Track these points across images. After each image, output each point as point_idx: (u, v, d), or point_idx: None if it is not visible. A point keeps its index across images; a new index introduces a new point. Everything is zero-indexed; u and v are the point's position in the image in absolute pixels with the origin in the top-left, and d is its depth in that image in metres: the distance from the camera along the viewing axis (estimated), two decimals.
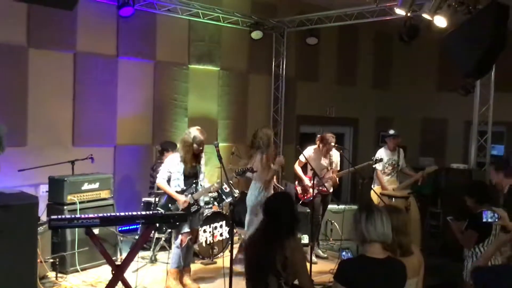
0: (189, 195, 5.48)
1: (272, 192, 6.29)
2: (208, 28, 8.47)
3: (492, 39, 5.76)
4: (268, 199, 4.04)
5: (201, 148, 5.49)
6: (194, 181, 5.56)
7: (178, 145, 5.72)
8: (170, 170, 5.48)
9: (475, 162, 7.64)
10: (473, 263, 4.42)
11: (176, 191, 5.46)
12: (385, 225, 2.98)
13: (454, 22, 6.29)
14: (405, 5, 5.99)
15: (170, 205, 5.45)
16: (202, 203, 5.73)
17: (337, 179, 7.13)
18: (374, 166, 7.43)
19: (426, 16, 6.30)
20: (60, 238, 5.76)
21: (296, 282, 3.60)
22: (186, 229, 5.44)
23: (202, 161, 5.66)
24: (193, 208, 5.51)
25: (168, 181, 5.49)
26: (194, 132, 5.46)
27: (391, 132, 7.67)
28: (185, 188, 5.48)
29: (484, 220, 3.96)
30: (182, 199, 5.41)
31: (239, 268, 5.62)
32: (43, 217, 5.67)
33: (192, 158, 5.48)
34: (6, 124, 5.49)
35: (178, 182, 5.46)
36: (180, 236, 5.48)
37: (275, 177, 6.61)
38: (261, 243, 3.59)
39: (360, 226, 2.98)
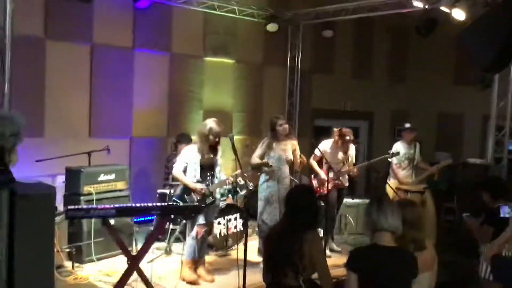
0: (205, 187, 5.49)
1: (285, 181, 6.32)
2: (224, 21, 8.46)
3: (510, 32, 5.68)
4: (290, 191, 4.05)
5: (217, 139, 5.50)
6: (210, 173, 5.57)
7: (195, 137, 5.74)
8: (187, 161, 5.49)
9: (492, 157, 7.55)
10: (487, 250, 4.37)
11: None
12: (395, 215, 3.13)
13: (472, 15, 6.23)
14: None
15: (185, 196, 5.46)
16: (217, 195, 5.75)
17: (357, 171, 7.11)
18: (390, 159, 7.39)
19: (444, 8, 6.25)
20: (76, 228, 5.83)
21: (315, 276, 3.61)
22: (201, 220, 5.46)
23: (219, 154, 5.67)
24: (209, 200, 5.52)
25: (184, 172, 5.51)
26: (211, 123, 5.47)
27: (407, 125, 7.61)
28: (201, 179, 5.50)
29: (502, 215, 3.93)
30: (198, 187, 5.42)
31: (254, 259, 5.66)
32: (60, 207, 5.74)
33: (209, 150, 5.50)
34: (23, 114, 5.58)
35: (195, 173, 5.47)
36: (195, 228, 5.51)
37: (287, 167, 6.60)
38: (281, 235, 3.59)
39: (372, 216, 3.14)
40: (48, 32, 6.68)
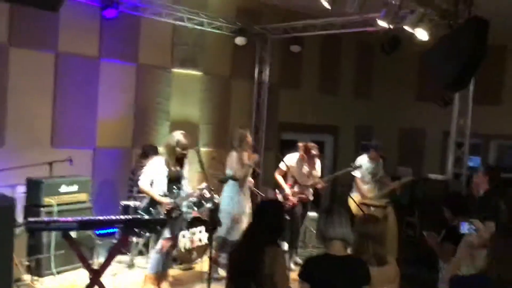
0: (172, 200, 5.45)
1: (247, 192, 6.34)
2: (192, 33, 8.46)
3: (471, 52, 5.88)
4: (261, 206, 4.06)
5: (184, 152, 5.49)
6: (177, 185, 5.54)
7: (161, 149, 5.70)
8: (153, 174, 5.45)
9: (452, 173, 7.75)
10: (444, 271, 4.47)
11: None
12: (343, 224, 3.23)
13: (435, 35, 6.43)
14: (388, 17, 6.08)
15: (151, 208, 5.41)
16: (184, 209, 5.71)
17: (324, 184, 7.19)
18: (352, 172, 7.51)
19: (408, 28, 6.42)
20: (36, 241, 5.68)
21: None
22: (167, 234, 5.42)
23: (185, 166, 5.65)
24: (175, 213, 5.48)
25: (151, 185, 5.46)
26: (178, 136, 5.46)
27: (376, 144, 7.75)
28: (167, 192, 5.45)
29: (462, 231, 4.02)
30: (165, 201, 5.38)
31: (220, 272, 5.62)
32: (20, 219, 5.59)
33: (176, 162, 5.47)
34: None
35: (161, 186, 5.43)
36: (160, 241, 5.45)
37: (252, 182, 6.63)
38: (244, 249, 3.59)
39: (321, 226, 3.25)
40: (12, 39, 6.54)
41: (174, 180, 5.54)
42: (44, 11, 5.62)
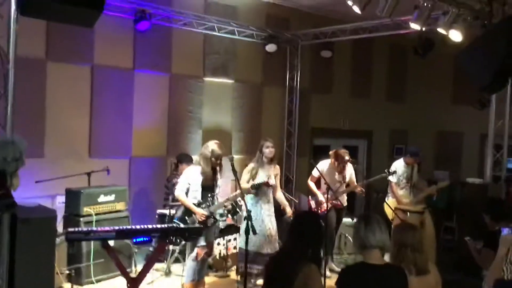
0: (206, 208, 5.51)
1: (271, 201, 6.28)
2: (223, 41, 8.55)
3: (507, 53, 5.75)
4: (298, 217, 3.99)
5: (218, 161, 5.55)
6: (211, 194, 5.60)
7: (197, 158, 5.76)
8: (190, 182, 5.52)
9: (490, 177, 7.57)
10: (487, 277, 4.36)
11: (193, 204, 5.49)
12: (383, 232, 3.14)
13: (469, 36, 6.31)
14: (420, 19, 6.00)
15: (187, 217, 5.48)
16: (218, 216, 5.76)
17: (361, 188, 7.11)
18: (388, 178, 7.41)
19: (441, 30, 6.32)
20: (76, 250, 5.82)
21: None
22: (202, 242, 5.47)
23: (219, 175, 5.70)
24: (210, 222, 5.54)
25: (186, 194, 5.53)
26: (212, 146, 5.54)
27: (416, 152, 7.61)
28: (202, 201, 5.52)
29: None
30: (200, 212, 5.44)
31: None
32: (60, 228, 5.74)
33: (210, 171, 5.54)
34: (24, 135, 5.57)
35: (196, 194, 5.50)
36: (196, 249, 5.50)
37: (279, 187, 6.57)
38: (281, 262, 3.54)
39: (360, 234, 3.16)
40: (49, 53, 6.74)
41: (209, 189, 5.60)
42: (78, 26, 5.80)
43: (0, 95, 3.84)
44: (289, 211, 6.41)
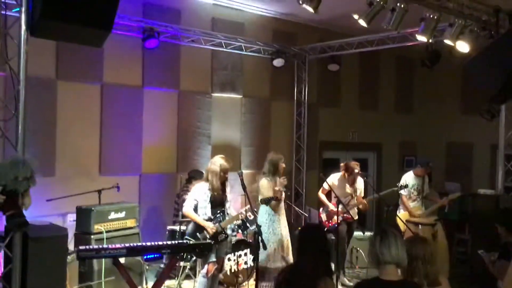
0: (217, 224, 5.50)
1: (283, 217, 6.27)
2: (231, 57, 8.61)
3: None
4: (302, 231, 3.98)
5: (226, 175, 5.56)
6: (221, 209, 5.60)
7: (205, 174, 5.77)
8: (197, 199, 5.53)
9: (502, 187, 7.51)
10: (499, 282, 4.30)
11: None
12: (399, 247, 3.05)
13: (476, 47, 6.30)
14: (427, 32, 6.01)
15: (197, 233, 5.47)
16: (229, 231, 5.75)
17: (367, 203, 7.08)
18: (399, 192, 7.37)
19: (448, 41, 6.32)
20: (87, 267, 5.81)
21: None
22: (213, 258, 5.46)
23: (228, 189, 5.71)
24: (221, 237, 5.53)
25: (195, 209, 5.53)
26: (220, 160, 5.55)
27: (428, 163, 7.59)
28: (212, 216, 5.52)
29: None
30: (210, 226, 5.44)
31: None
32: (71, 246, 5.75)
33: (219, 186, 5.54)
34: (35, 154, 5.60)
35: (205, 211, 5.51)
36: (206, 265, 5.49)
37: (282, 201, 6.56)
38: (293, 279, 3.52)
39: (375, 249, 3.08)
40: (59, 73, 6.83)
41: (218, 204, 5.60)
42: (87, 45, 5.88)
43: (12, 115, 3.89)
44: None
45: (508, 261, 4.29)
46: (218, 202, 5.58)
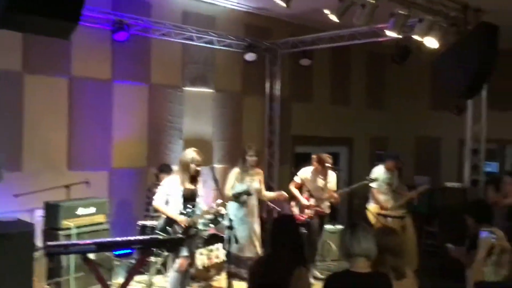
0: (188, 218, 5.47)
1: (253, 208, 6.33)
2: (202, 51, 8.55)
3: (482, 59, 5.87)
4: (274, 222, 4.03)
5: (198, 169, 5.53)
6: (192, 203, 5.56)
7: (176, 168, 5.74)
8: (169, 192, 5.48)
9: (469, 181, 7.68)
10: (467, 277, 4.40)
11: None
12: (369, 240, 3.14)
13: (445, 43, 6.42)
14: (396, 27, 6.09)
15: (168, 228, 5.43)
16: (200, 226, 5.72)
17: (338, 197, 7.14)
18: (369, 184, 7.45)
19: (417, 37, 6.41)
20: (56, 264, 5.72)
21: None
22: (185, 252, 5.43)
23: (199, 183, 5.68)
24: (192, 231, 5.50)
25: (166, 203, 5.48)
26: (191, 153, 5.51)
27: (396, 156, 7.69)
28: (183, 211, 5.48)
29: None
30: (182, 219, 5.40)
31: None
32: (39, 242, 5.64)
33: (190, 180, 5.51)
34: (1, 149, 5.48)
35: (177, 204, 5.46)
36: (178, 260, 5.45)
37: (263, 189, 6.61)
38: (267, 269, 3.54)
39: (345, 242, 3.15)
40: (26, 66, 6.67)
41: (189, 198, 5.56)
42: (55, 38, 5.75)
43: None
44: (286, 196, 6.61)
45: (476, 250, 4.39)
46: (189, 196, 5.55)
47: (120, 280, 5.87)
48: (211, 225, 6.79)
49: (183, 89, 8.41)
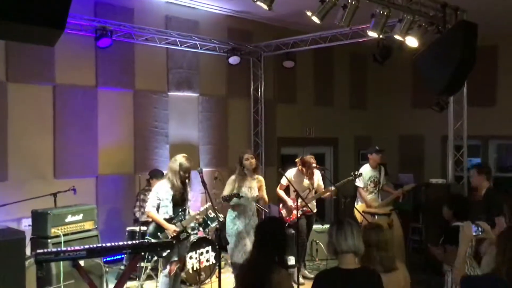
0: (178, 223, 5.50)
1: (252, 213, 6.32)
2: (186, 56, 8.58)
3: (462, 56, 5.99)
4: (260, 223, 4.06)
5: (187, 175, 5.56)
6: (182, 208, 5.59)
7: (166, 173, 5.74)
8: (160, 198, 5.50)
9: (453, 177, 7.80)
10: (453, 273, 4.47)
11: (165, 219, 5.46)
12: (355, 236, 3.16)
13: (425, 41, 6.53)
14: (377, 27, 6.17)
15: (159, 233, 5.45)
16: (190, 230, 5.75)
17: (330, 193, 7.20)
18: (355, 182, 7.52)
19: (397, 37, 6.52)
20: (45, 272, 5.67)
21: None
22: (175, 257, 5.44)
23: (189, 188, 5.71)
24: (182, 236, 5.53)
25: (157, 209, 5.50)
26: (180, 159, 5.54)
27: (375, 147, 7.78)
28: (173, 215, 5.50)
29: (475, 234, 4.00)
30: (172, 228, 5.42)
31: None
32: (27, 251, 5.60)
33: (180, 185, 5.53)
34: None
35: (167, 209, 5.48)
36: (168, 265, 5.47)
37: (265, 197, 6.61)
38: (250, 270, 3.58)
39: (332, 239, 3.18)
40: (9, 74, 6.63)
41: (180, 203, 5.59)
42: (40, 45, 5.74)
43: None
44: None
45: (451, 245, 4.46)
46: (179, 201, 5.57)
47: (111, 286, 5.85)
48: (200, 229, 6.84)
49: (168, 94, 8.42)
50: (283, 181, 7.06)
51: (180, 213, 5.53)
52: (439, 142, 10.75)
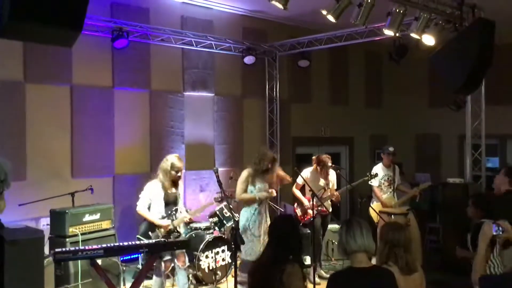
0: (170, 222, 5.55)
1: (266, 210, 6.33)
2: (201, 56, 8.61)
3: (479, 55, 5.92)
4: (274, 221, 4.05)
5: (178, 174, 5.61)
6: (174, 207, 5.64)
7: (157, 173, 5.78)
8: (151, 198, 5.56)
9: (470, 176, 7.72)
10: (472, 271, 4.41)
11: None
12: (365, 235, 3.14)
13: (441, 40, 6.47)
14: (393, 26, 6.14)
15: (150, 232, 5.50)
16: (182, 230, 5.80)
17: (339, 195, 7.16)
18: (370, 182, 7.49)
19: (414, 35, 6.47)
20: (63, 271, 5.75)
21: None
22: (167, 256, 5.51)
23: (180, 188, 5.77)
24: (174, 235, 5.57)
25: (148, 208, 5.57)
26: (172, 159, 5.62)
27: (388, 148, 7.75)
28: (165, 215, 5.56)
29: (495, 233, 3.96)
30: (164, 223, 5.47)
31: None
32: (45, 250, 5.67)
33: (171, 185, 5.58)
34: (5, 158, 5.47)
35: (159, 209, 5.55)
36: (162, 264, 5.55)
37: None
38: (263, 267, 3.56)
39: (342, 239, 3.17)
40: (27, 75, 6.72)
41: (171, 203, 5.66)
42: (57, 46, 5.80)
43: None
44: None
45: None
46: (170, 201, 5.64)
47: (128, 285, 5.90)
48: (216, 228, 6.87)
49: (183, 94, 8.46)
50: (299, 180, 7.05)
51: (172, 212, 5.58)
52: (456, 141, 10.64)
